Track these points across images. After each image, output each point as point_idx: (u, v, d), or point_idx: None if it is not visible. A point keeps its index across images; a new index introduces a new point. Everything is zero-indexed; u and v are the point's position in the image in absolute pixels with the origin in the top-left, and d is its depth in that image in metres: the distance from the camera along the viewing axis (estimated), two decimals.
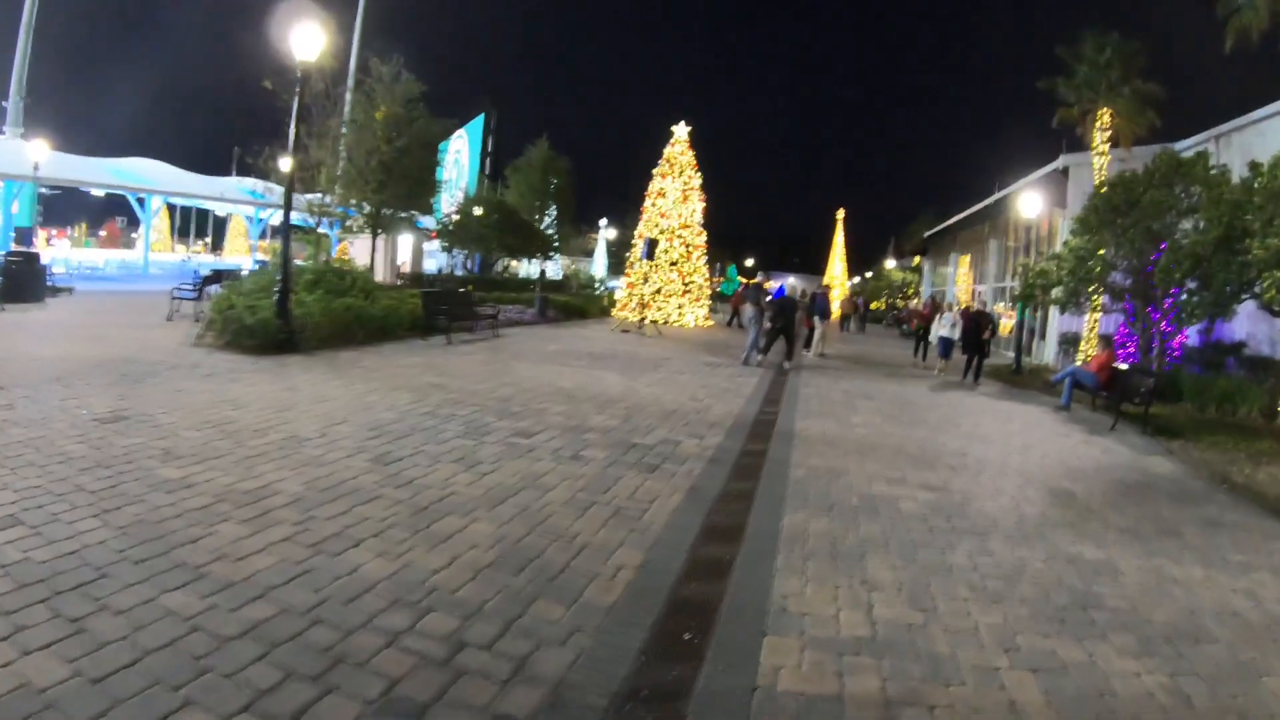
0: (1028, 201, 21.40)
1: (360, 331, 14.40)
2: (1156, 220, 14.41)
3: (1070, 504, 6.90)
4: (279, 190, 20.65)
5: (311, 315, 13.25)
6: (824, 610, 4.15)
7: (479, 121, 67.68)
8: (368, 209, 26.83)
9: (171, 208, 51.28)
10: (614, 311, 27.63)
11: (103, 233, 61.03)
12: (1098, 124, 21.98)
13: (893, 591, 4.49)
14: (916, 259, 56.83)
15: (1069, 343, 22.49)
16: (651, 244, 22.82)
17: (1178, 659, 3.93)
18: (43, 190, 34.21)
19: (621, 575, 4.37)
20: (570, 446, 7.32)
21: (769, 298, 18.69)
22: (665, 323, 27.09)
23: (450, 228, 31.84)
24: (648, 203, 28.68)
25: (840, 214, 62.00)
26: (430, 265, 39.33)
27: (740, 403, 10.88)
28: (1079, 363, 17.24)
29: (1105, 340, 14.18)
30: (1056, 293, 16.13)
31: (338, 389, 9.39)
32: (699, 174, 28.80)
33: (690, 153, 28.77)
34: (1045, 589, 4.72)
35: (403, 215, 29.83)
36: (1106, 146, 21.69)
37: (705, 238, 29.34)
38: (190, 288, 17.25)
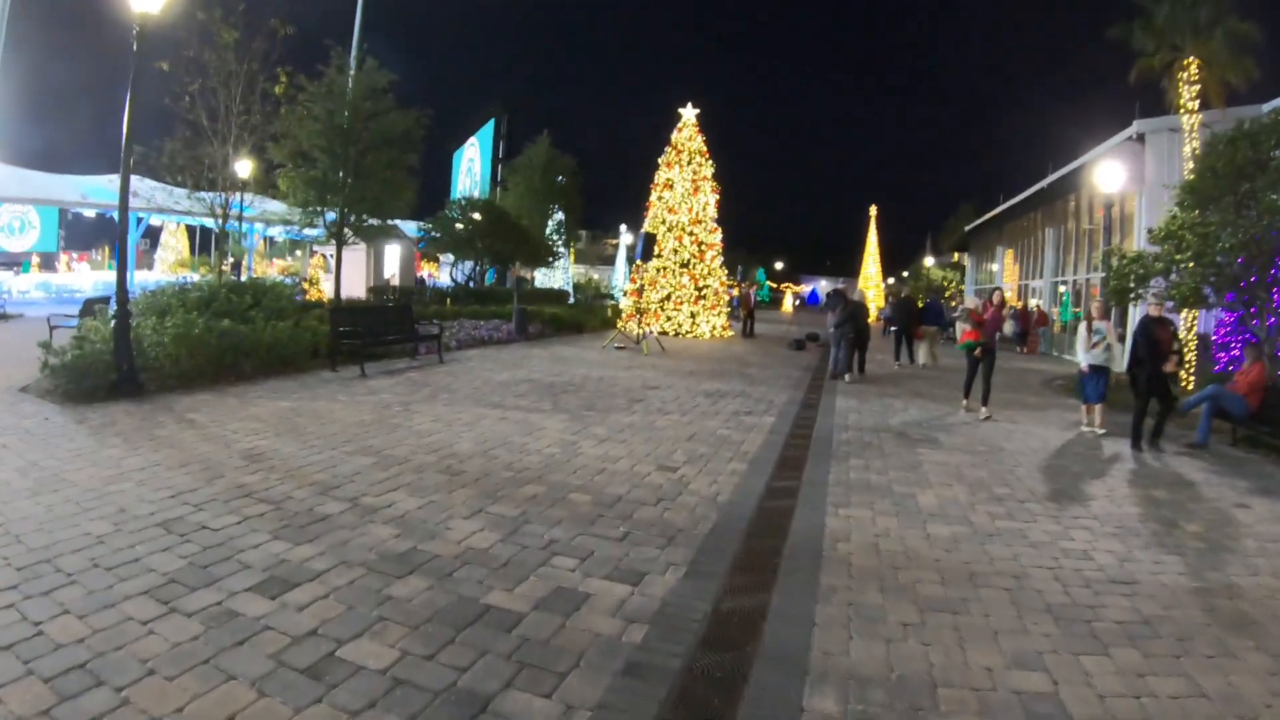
0: (1100, 176, 17.50)
1: (248, 364, 11.00)
2: None
3: None
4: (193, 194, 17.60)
5: (163, 347, 9.83)
6: None
7: (489, 128, 64.90)
8: (332, 217, 23.66)
9: (190, 227, 48.76)
10: (619, 324, 23.96)
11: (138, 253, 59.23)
12: (1182, 76, 17.99)
13: None
14: (956, 255, 52.98)
15: None
16: (649, 240, 19.17)
17: None
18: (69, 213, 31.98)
19: None
20: (342, 624, 3.70)
21: (828, 303, 15.76)
22: (675, 335, 23.48)
23: (430, 235, 28.46)
24: (653, 196, 25.10)
25: (873, 211, 57.91)
26: (445, 278, 36.07)
27: (738, 471, 7.19)
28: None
29: (1254, 350, 10.23)
30: (1157, 285, 12.30)
31: (104, 464, 5.99)
32: (711, 162, 25.17)
33: (700, 138, 25.17)
34: None
35: (374, 223, 26.56)
36: (1196, 104, 17.68)
37: (721, 235, 25.70)
38: (74, 315, 13.97)
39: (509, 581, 4.27)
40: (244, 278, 21.58)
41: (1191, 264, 11.58)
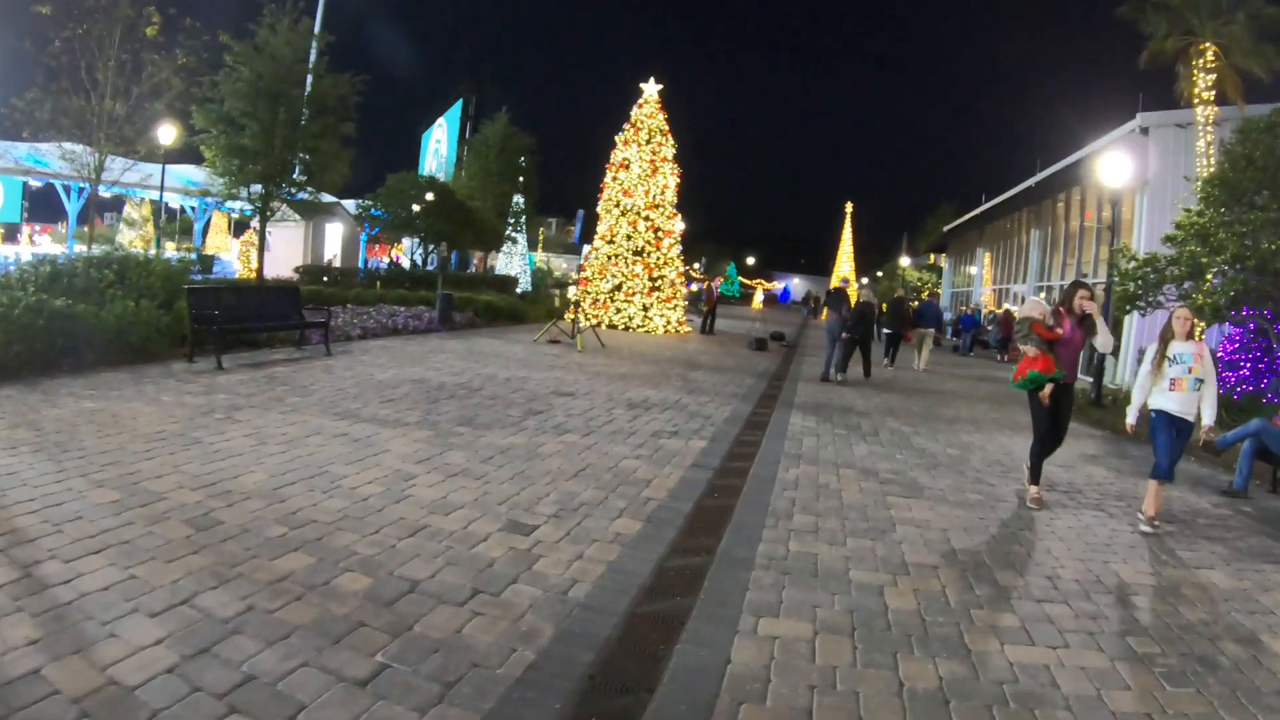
0: (1102, 171, 15.49)
1: (91, 352, 8.80)
2: None
3: None
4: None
5: None
6: None
7: (457, 108, 62.25)
8: (258, 189, 21.38)
9: (154, 201, 45.90)
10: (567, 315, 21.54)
11: (84, 228, 56.22)
12: (1197, 63, 16.02)
13: None
14: (933, 257, 51.25)
15: None
16: (589, 222, 16.88)
17: None
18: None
19: None
20: None
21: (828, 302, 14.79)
22: (625, 329, 21.23)
23: (368, 213, 26.01)
24: (608, 176, 22.78)
25: (849, 208, 55.93)
26: (409, 262, 33.53)
27: (622, 538, 4.95)
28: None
29: None
30: (1170, 292, 10.26)
31: None
32: (672, 141, 22.90)
33: (662, 115, 22.88)
34: None
35: (305, 196, 24.15)
36: (1211, 94, 15.71)
37: (681, 221, 23.46)
38: None
39: None
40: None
41: (1227, 268, 9.52)
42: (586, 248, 21.18)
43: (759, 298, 58.21)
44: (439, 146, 63.75)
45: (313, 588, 3.67)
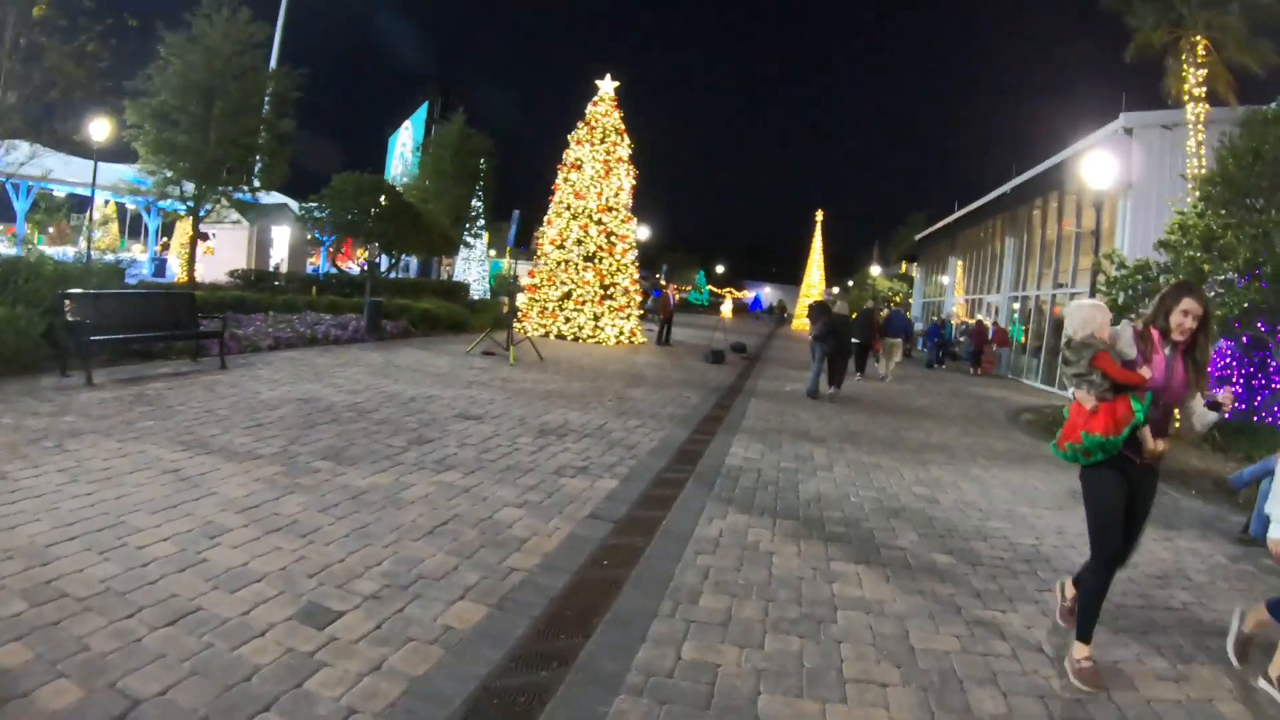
0: (1086, 173, 14.35)
1: None
2: None
3: None
4: None
5: None
6: None
7: (423, 111, 60.81)
8: (191, 187, 20.01)
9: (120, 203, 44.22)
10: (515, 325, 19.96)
11: (51, 229, 54.57)
12: (1187, 59, 14.92)
13: None
14: (905, 266, 50.30)
15: None
16: (524, 224, 15.46)
17: None
18: None
19: None
20: None
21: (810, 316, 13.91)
22: (574, 340, 19.79)
23: (311, 214, 24.37)
24: (559, 178, 21.36)
25: (819, 215, 54.84)
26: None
27: (454, 636, 3.58)
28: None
29: None
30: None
31: None
32: (628, 141, 21.52)
33: (617, 114, 21.51)
34: None
35: (244, 196, 22.69)
36: (1203, 91, 14.60)
37: (635, 225, 22.09)
38: None
39: None
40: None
41: (1236, 276, 8.27)
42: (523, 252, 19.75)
43: (727, 306, 56.95)
44: (404, 150, 62.26)
45: (2, 702, 2.39)
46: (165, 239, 36.82)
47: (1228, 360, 12.11)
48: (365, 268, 29.17)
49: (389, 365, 11.89)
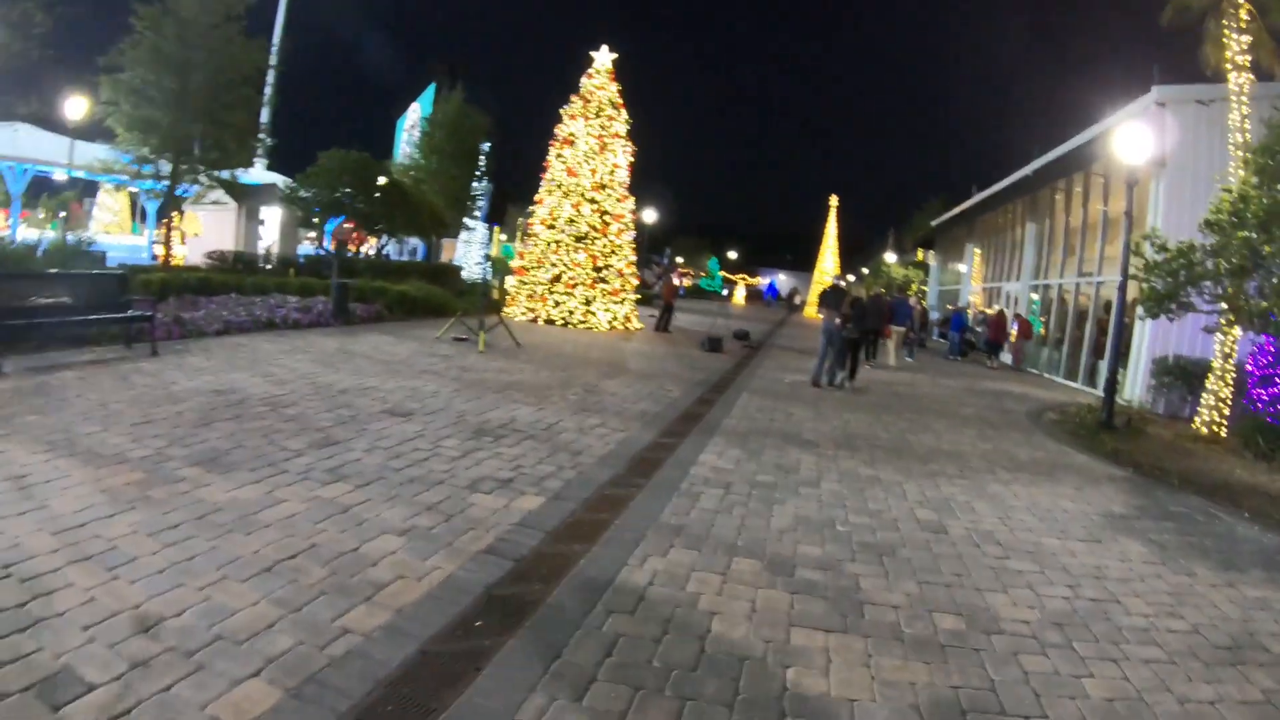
0: (1118, 149, 13.01)
1: None
2: None
3: None
4: None
5: None
6: None
7: (430, 91, 59.70)
8: (167, 167, 19.18)
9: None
10: (501, 311, 18.83)
11: (63, 213, 54.40)
12: (1228, 25, 13.51)
13: None
14: (920, 253, 48.74)
15: (1173, 373, 14.02)
16: (496, 199, 14.29)
17: None
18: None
19: None
20: None
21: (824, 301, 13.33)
22: (565, 325, 18.62)
23: (295, 194, 23.34)
24: (552, 154, 20.11)
25: (834, 201, 53.23)
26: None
27: None
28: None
29: None
30: (1222, 288, 7.73)
31: None
32: (625, 115, 20.25)
33: (614, 86, 20.23)
34: None
35: (224, 175, 21.70)
36: (1247, 59, 13.20)
37: (634, 205, 20.84)
38: None
39: None
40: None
41: None
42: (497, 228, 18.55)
43: (739, 293, 55.52)
44: (413, 132, 61.14)
45: None
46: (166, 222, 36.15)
47: (1271, 358, 10.86)
48: (375, 252, 28.24)
49: (341, 352, 10.77)
